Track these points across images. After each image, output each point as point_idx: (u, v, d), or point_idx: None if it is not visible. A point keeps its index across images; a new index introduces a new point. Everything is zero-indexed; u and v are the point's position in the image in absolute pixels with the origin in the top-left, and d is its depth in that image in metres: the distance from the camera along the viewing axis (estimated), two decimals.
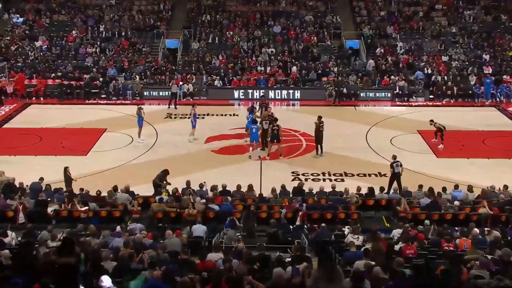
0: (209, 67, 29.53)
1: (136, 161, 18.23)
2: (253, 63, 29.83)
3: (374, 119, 23.47)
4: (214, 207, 13.20)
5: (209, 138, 20.70)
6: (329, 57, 30.28)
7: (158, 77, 28.16)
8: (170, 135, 21.07)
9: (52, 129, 21.69)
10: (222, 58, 30.27)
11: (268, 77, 28.42)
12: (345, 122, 23.04)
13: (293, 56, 30.46)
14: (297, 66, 29.16)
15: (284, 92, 27.39)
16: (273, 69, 29.15)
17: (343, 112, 25.20)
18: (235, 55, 30.56)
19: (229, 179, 15.78)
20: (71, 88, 26.90)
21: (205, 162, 18.30)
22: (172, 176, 16.12)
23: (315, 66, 29.32)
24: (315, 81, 28.45)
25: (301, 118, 23.78)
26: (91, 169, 17.16)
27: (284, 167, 17.91)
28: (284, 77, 28.47)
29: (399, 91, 27.19)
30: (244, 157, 18.75)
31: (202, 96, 27.53)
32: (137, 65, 29.29)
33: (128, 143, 20.10)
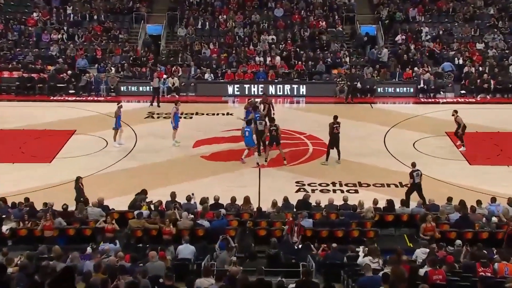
0: (198, 57, 29.65)
1: (110, 169, 18.26)
2: (251, 53, 29.96)
3: (394, 119, 23.59)
4: (204, 224, 13.23)
5: (198, 142, 20.75)
6: (340, 46, 30.44)
7: (138, 69, 28.28)
8: (151, 138, 21.14)
9: (8, 131, 21.73)
10: (213, 47, 30.40)
11: (268, 70, 28.56)
12: (359, 123, 23.12)
13: (297, 44, 30.60)
14: (303, 57, 29.31)
15: (287, 87, 27.51)
16: (274, 60, 29.29)
17: (357, 110, 25.28)
18: (229, 44, 30.68)
19: (222, 191, 15.82)
20: (32, 82, 26.95)
21: (193, 170, 18.33)
22: (154, 186, 16.20)
23: (323, 56, 29.47)
24: (324, 74, 28.60)
25: (307, 118, 23.89)
26: (57, 179, 17.19)
27: (287, 176, 17.94)
28: (287, 70, 28.60)
29: (424, 85, 27.34)
30: (240, 165, 18.81)
31: (190, 92, 27.64)
32: (113, 55, 29.41)
33: (101, 147, 20.14)
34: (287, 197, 14.83)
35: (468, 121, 20.24)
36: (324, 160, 18.76)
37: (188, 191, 15.03)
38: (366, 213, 13.83)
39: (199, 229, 13.05)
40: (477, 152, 19.83)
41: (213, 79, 27.97)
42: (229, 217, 13.69)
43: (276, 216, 13.79)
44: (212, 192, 15.21)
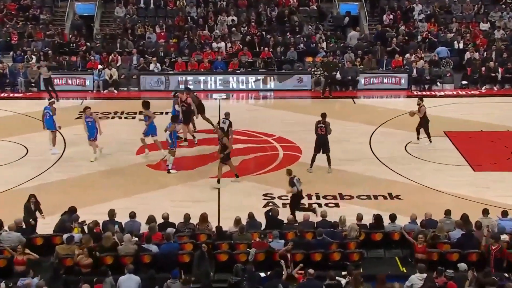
0: (142, 43, 29.50)
1: (32, 183, 17.98)
2: (206, 38, 29.98)
3: (382, 117, 23.87)
4: (151, 248, 13.16)
5: (142, 148, 20.63)
6: (315, 28, 30.73)
7: (66, 58, 27.98)
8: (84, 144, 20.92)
9: None
10: (160, 30, 30.32)
11: (228, 58, 28.61)
12: (339, 122, 23.21)
13: (263, 27, 30.75)
14: (270, 42, 29.47)
15: (251, 80, 27.66)
16: (236, 47, 29.37)
17: (337, 106, 25.49)
18: (180, 27, 30.63)
19: (172, 207, 15.72)
20: None
21: (137, 182, 18.24)
22: (88, 203, 16.03)
23: (295, 41, 29.69)
24: (296, 63, 28.83)
25: (276, 117, 24.01)
26: None
27: (252, 188, 17.99)
28: (251, 58, 28.73)
29: (417, 75, 27.79)
30: (196, 175, 18.85)
31: (132, 85, 27.53)
32: (33, 40, 28.99)
33: (20, 156, 19.87)
34: (253, 214, 14.86)
35: (471, 118, 20.58)
36: (309, 167, 18.88)
37: (131, 208, 14.93)
38: (349, 231, 13.92)
39: (145, 255, 12.93)
40: (482, 155, 20.18)
41: (160, 70, 27.89)
42: (182, 239, 13.61)
43: (240, 236, 13.79)
44: (161, 209, 15.11)
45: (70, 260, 12.64)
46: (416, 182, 18.20)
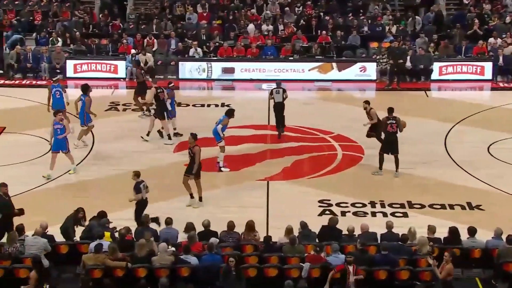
0: (181, 25, 29.75)
1: (55, 183, 18.20)
2: (255, 18, 30.05)
3: (460, 113, 23.64)
4: (189, 260, 13.25)
5: (180, 144, 20.83)
6: (382, 8, 30.52)
7: (95, 41, 28.38)
8: (114, 141, 21.25)
9: None
10: (202, 10, 30.52)
11: (279, 43, 28.61)
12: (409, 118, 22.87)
13: (321, 7, 30.67)
14: (329, 24, 29.35)
15: (306, 68, 27.54)
16: (289, 30, 29.36)
17: (406, 100, 25.31)
18: (225, 6, 30.79)
19: (214, 213, 15.81)
20: None
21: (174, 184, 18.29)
22: (119, 207, 16.23)
23: (358, 23, 29.54)
24: (359, 50, 28.66)
25: (334, 112, 24.02)
26: None
27: (306, 193, 17.99)
28: (307, 43, 28.66)
29: (504, 64, 27.39)
30: (242, 175, 18.93)
31: (170, 73, 27.77)
32: (58, 20, 29.51)
33: (42, 152, 20.17)
34: (306, 223, 14.85)
35: None
36: (378, 169, 18.89)
37: (168, 213, 15.05)
38: (420, 246, 13.80)
39: (183, 267, 13.00)
40: None
41: (201, 56, 28.09)
42: (226, 251, 13.66)
43: (292, 249, 13.78)
44: (202, 215, 15.20)
45: (98, 271, 12.83)
46: (502, 191, 17.93)
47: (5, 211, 14.72)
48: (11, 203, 15.01)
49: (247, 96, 25.63)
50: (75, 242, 14.06)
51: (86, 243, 13.78)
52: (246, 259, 13.47)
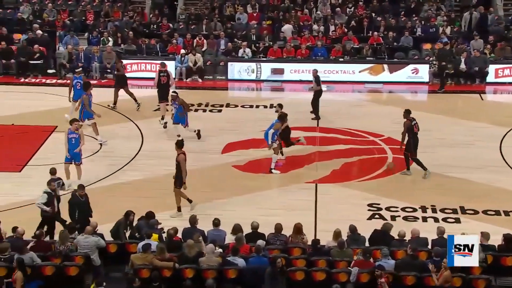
0: (231, 25, 29.84)
1: (103, 183, 18.41)
2: (306, 19, 29.98)
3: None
4: (237, 261, 13.29)
5: (229, 145, 20.91)
6: (436, 9, 30.16)
7: (145, 41, 28.66)
8: (164, 139, 21.40)
9: None
10: (252, 10, 30.57)
11: (329, 44, 28.50)
12: (463, 121, 22.99)
13: (373, 7, 30.46)
14: (381, 25, 29.18)
15: (357, 69, 27.44)
16: (339, 31, 29.22)
17: (460, 103, 25.11)
18: (275, 6, 30.79)
19: (262, 215, 15.83)
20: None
21: (222, 185, 18.48)
22: (167, 207, 16.38)
23: (411, 24, 29.31)
24: (411, 51, 28.41)
25: (385, 114, 23.84)
26: (28, 195, 17.42)
27: (355, 196, 17.94)
28: (358, 44, 28.52)
29: None
30: (288, 179, 18.89)
31: (219, 73, 27.88)
32: (110, 20, 29.86)
33: (93, 151, 20.44)
34: (355, 227, 14.76)
35: None
36: (425, 173, 18.82)
37: (214, 215, 15.12)
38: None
39: (230, 269, 13.05)
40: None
41: (250, 56, 28.15)
42: (273, 253, 13.64)
43: (340, 252, 13.73)
44: (249, 217, 15.24)
45: (146, 271, 12.91)
46: None
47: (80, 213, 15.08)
48: (88, 205, 15.38)
49: (296, 98, 25.54)
50: (123, 242, 14.22)
51: (134, 242, 13.95)
52: (293, 262, 13.45)
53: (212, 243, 13.62)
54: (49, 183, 15.47)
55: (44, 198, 15.12)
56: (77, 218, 14.97)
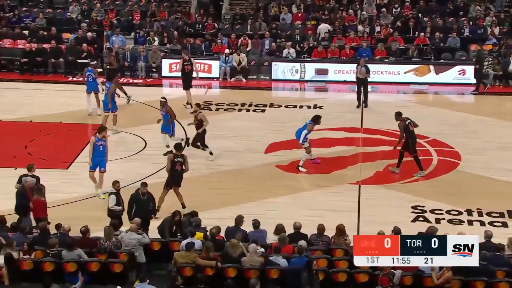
0: (275, 25, 29.90)
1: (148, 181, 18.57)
2: (351, 19, 29.92)
3: None
4: (279, 262, 13.30)
5: (272, 145, 20.97)
6: (484, 9, 29.81)
7: (190, 40, 28.85)
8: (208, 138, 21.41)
9: (10, 124, 22.62)
10: (297, 10, 30.56)
11: (374, 45, 28.39)
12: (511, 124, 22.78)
13: (420, 7, 30.22)
14: (427, 26, 28.96)
15: (402, 70, 27.31)
16: (385, 31, 29.07)
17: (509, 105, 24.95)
18: (320, 6, 30.75)
19: (305, 215, 15.84)
20: (43, 56, 27.91)
21: (265, 185, 18.55)
22: (210, 206, 16.54)
23: (458, 25, 29.03)
24: (458, 52, 28.15)
25: (431, 115, 23.73)
26: (75, 192, 17.69)
27: (399, 198, 17.89)
28: (403, 45, 28.35)
29: None
30: (333, 178, 18.95)
31: (263, 73, 27.97)
32: (156, 19, 30.13)
33: (138, 149, 20.70)
34: (399, 229, 14.67)
35: None
36: (420, 171, 18.94)
37: (256, 215, 15.19)
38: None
39: (272, 269, 13.05)
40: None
41: (295, 57, 28.17)
42: (316, 254, 13.65)
43: None
44: (292, 217, 15.24)
45: (189, 269, 13.04)
46: None
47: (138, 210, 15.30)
48: (149, 203, 15.58)
49: (340, 98, 25.52)
50: (167, 240, 14.36)
51: (177, 240, 14.07)
52: (336, 263, 13.45)
53: (254, 243, 13.66)
54: (114, 183, 15.77)
55: (113, 200, 15.49)
56: (133, 215, 15.16)
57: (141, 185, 15.79)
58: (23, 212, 15.38)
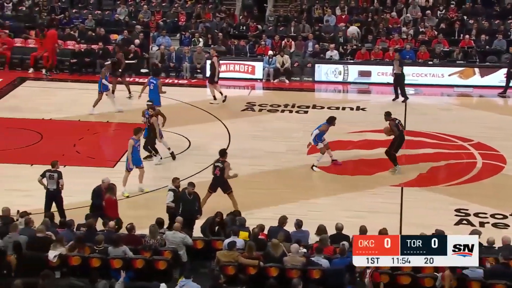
0: (319, 27, 29.89)
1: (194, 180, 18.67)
2: (394, 21, 29.74)
3: None
4: (321, 262, 13.34)
5: (314, 147, 20.91)
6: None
7: (234, 42, 29.01)
8: (249, 139, 21.68)
9: (59, 123, 22.98)
10: (341, 12, 30.50)
11: (419, 47, 28.21)
12: None
13: (465, 10, 29.93)
14: (473, 28, 28.67)
15: (446, 73, 27.09)
16: (429, 33, 28.85)
17: None
18: (364, 8, 30.65)
19: (347, 217, 15.88)
20: (91, 56, 28.33)
21: (306, 186, 18.59)
22: (252, 206, 16.64)
23: (505, 27, 28.70)
24: (504, 55, 27.79)
25: (476, 118, 23.57)
26: (120, 190, 17.64)
27: (442, 201, 17.80)
28: (448, 47, 28.11)
29: None
30: (374, 180, 18.91)
31: (306, 75, 27.98)
32: (201, 21, 30.33)
33: (183, 148, 20.87)
34: (443, 231, 14.58)
35: None
36: (393, 168, 18.99)
37: (298, 214, 15.24)
38: None
39: (314, 269, 13.08)
40: None
41: (339, 58, 28.12)
42: None
43: None
44: (333, 218, 15.28)
45: (232, 268, 13.14)
46: None
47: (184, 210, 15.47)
48: (194, 203, 15.69)
49: (383, 100, 25.38)
50: (210, 239, 14.48)
51: (220, 239, 14.16)
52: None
53: (296, 243, 13.72)
54: (174, 180, 15.98)
55: (171, 196, 15.72)
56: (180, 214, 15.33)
57: (188, 184, 15.90)
58: (98, 211, 15.64)
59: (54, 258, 13.14)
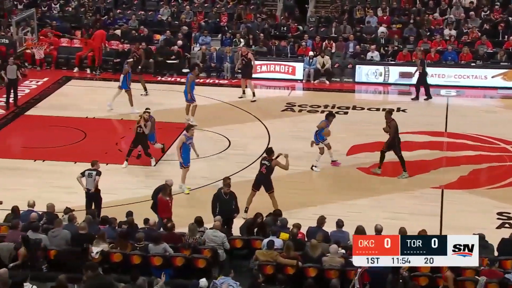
0: (360, 28, 29.75)
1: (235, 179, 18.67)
2: (437, 23, 29.46)
3: None
4: None
5: (354, 147, 20.93)
6: None
7: (275, 42, 28.99)
8: (289, 139, 21.66)
9: (102, 122, 23.30)
10: (382, 13, 30.31)
11: (461, 48, 27.88)
12: None
13: (510, 10, 29.53)
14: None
15: (489, 75, 26.74)
16: (473, 34, 28.52)
17: None
18: (406, 9, 30.40)
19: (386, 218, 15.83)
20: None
21: (346, 187, 18.55)
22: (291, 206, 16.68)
23: None
24: None
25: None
26: (181, 188, 18.06)
27: (483, 204, 17.64)
28: (492, 49, 27.77)
29: None
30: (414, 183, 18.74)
31: (347, 76, 27.85)
32: (242, 22, 30.41)
33: (222, 148, 20.96)
34: (484, 235, 14.43)
35: None
36: (404, 172, 18.99)
37: (338, 216, 15.20)
38: None
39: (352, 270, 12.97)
40: None
41: (380, 59, 27.96)
42: None
43: None
44: (372, 220, 15.23)
45: (270, 267, 13.13)
46: None
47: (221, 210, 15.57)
48: (231, 202, 15.74)
49: (424, 102, 25.18)
50: (249, 238, 14.50)
51: (259, 239, 14.19)
52: (418, 268, 13.29)
53: (335, 244, 13.68)
54: (224, 180, 16.11)
55: None
56: (217, 213, 15.39)
57: (224, 185, 15.96)
58: None
59: (96, 254, 13.30)
